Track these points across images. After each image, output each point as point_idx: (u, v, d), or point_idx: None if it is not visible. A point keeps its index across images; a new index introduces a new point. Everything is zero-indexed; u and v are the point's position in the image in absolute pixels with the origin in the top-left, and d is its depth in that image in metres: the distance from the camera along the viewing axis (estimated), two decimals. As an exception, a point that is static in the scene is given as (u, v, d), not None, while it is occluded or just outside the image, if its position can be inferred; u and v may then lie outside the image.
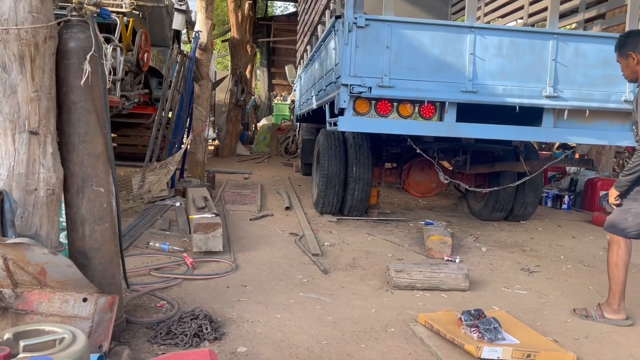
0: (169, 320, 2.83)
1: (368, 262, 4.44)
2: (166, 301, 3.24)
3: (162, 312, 3.09)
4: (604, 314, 3.33)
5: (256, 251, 4.59)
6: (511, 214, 6.26)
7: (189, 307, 3.08)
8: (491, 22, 7.37)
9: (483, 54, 4.38)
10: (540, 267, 4.52)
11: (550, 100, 4.45)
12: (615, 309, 3.30)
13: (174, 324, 2.77)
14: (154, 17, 8.28)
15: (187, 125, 7.54)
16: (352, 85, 4.28)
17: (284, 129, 14.40)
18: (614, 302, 3.30)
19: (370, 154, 5.77)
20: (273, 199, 7.22)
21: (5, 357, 1.67)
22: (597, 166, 8.30)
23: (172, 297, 3.29)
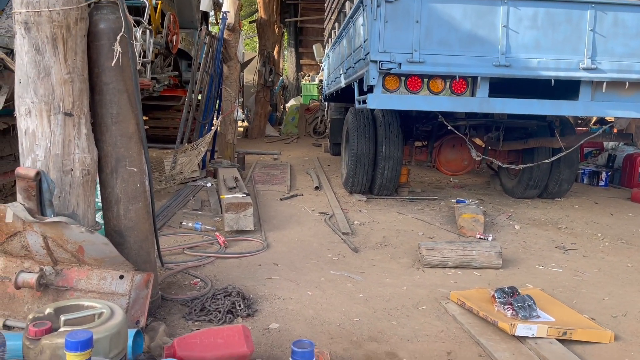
0: (203, 297, 2.89)
1: (398, 240, 4.42)
2: (200, 279, 3.30)
3: (195, 289, 3.15)
4: None
5: (286, 230, 4.62)
6: (545, 191, 6.11)
7: (221, 284, 3.13)
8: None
9: (517, 26, 4.24)
10: (576, 245, 4.42)
11: (587, 73, 4.29)
12: None
13: (208, 300, 2.82)
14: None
15: (216, 106, 7.59)
16: (381, 62, 4.22)
17: (312, 109, 14.37)
18: None
19: (400, 132, 5.70)
20: (302, 179, 7.24)
21: (47, 331, 1.73)
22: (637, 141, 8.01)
23: (205, 275, 3.35)
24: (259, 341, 2.50)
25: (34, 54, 2.22)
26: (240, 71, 8.93)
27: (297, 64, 23.55)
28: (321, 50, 10.74)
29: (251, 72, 14.62)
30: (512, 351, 2.48)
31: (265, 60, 12.85)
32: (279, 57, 19.17)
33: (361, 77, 4.69)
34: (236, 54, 7.61)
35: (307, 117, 14.29)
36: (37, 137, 2.28)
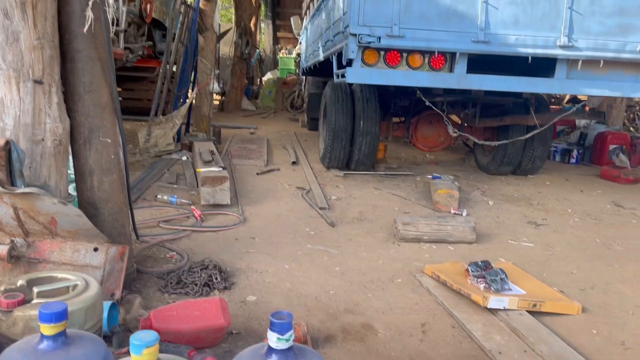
0: (179, 270, 2.87)
1: (375, 215, 4.46)
2: (176, 252, 3.28)
3: (172, 262, 3.13)
4: None
5: (263, 204, 4.61)
6: (519, 168, 6.22)
7: (198, 258, 3.12)
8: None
9: (496, 2, 4.24)
10: (547, 221, 4.53)
11: (564, 50, 4.32)
12: None
13: (184, 273, 2.81)
14: (156, -34, 8.03)
15: (191, 78, 7.45)
16: (360, 35, 4.18)
17: (289, 83, 14.23)
18: None
19: (378, 108, 5.69)
20: (279, 153, 7.20)
21: (19, 303, 1.70)
22: (608, 119, 8.18)
23: (181, 249, 3.33)
24: (236, 313, 2.51)
25: (2, 19, 2.13)
26: (216, 42, 8.76)
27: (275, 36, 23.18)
28: (299, 23, 10.59)
29: (227, 44, 14.34)
30: (484, 323, 2.54)
31: (241, 32, 12.61)
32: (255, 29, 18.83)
33: (340, 50, 4.64)
34: (212, 24, 7.46)
35: (284, 91, 14.15)
36: (6, 105, 2.20)
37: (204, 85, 7.39)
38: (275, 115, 12.65)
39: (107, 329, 2.04)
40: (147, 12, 6.80)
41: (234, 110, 12.78)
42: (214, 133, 7.65)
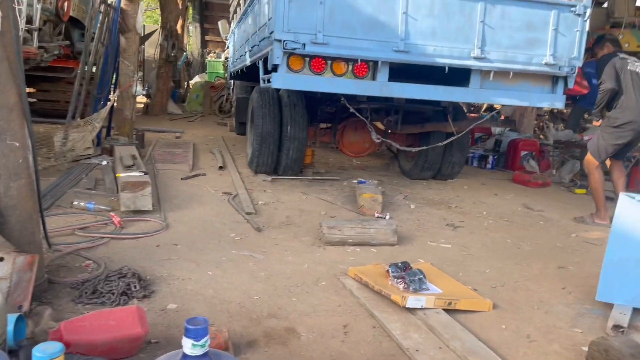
0: (95, 279, 2.76)
1: (302, 219, 4.50)
2: (92, 260, 3.14)
3: (87, 271, 3.00)
4: (595, 220, 4.92)
5: (188, 210, 4.52)
6: (439, 173, 6.49)
7: (116, 266, 3.00)
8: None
9: (415, 13, 4.42)
10: (464, 223, 4.76)
11: (477, 62, 4.58)
12: (602, 217, 4.91)
13: (101, 283, 2.70)
14: (74, -38, 7.68)
15: (113, 80, 7.17)
16: (285, 41, 4.21)
17: (217, 87, 14.04)
18: (600, 212, 4.94)
19: (305, 113, 5.75)
20: (206, 158, 7.08)
21: None
22: (519, 127, 8.73)
23: (98, 257, 3.20)
24: (155, 322, 2.44)
25: None
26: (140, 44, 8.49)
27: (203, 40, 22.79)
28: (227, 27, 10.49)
29: (153, 46, 13.94)
30: (403, 322, 2.63)
31: (167, 34, 12.31)
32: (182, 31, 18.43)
33: (266, 55, 4.65)
34: (135, 25, 7.22)
35: (212, 95, 13.94)
36: None
37: (126, 88, 7.14)
38: (203, 119, 12.43)
39: (13, 343, 1.93)
40: (64, 10, 6.48)
41: (159, 114, 12.42)
42: (137, 137, 7.40)
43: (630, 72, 4.69)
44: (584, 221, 4.97)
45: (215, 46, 22.06)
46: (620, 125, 4.69)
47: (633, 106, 4.64)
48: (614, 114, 4.73)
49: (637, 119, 4.65)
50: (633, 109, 4.64)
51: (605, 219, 4.86)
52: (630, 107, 4.65)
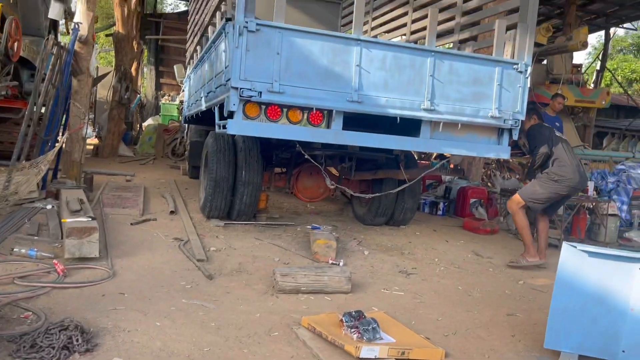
0: (35, 332, 2.61)
1: (254, 266, 4.43)
2: (32, 312, 2.98)
3: (26, 323, 2.84)
4: (527, 259, 5.13)
5: (136, 257, 4.38)
6: (392, 219, 6.59)
7: (58, 317, 2.86)
8: (377, 36, 7.73)
9: (368, 66, 4.58)
10: (417, 270, 4.82)
11: (427, 113, 4.76)
12: (532, 254, 5.17)
13: (40, 336, 2.56)
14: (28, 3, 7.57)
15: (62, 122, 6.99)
16: (242, 89, 4.26)
17: (171, 130, 13.90)
18: (528, 251, 5.20)
19: (260, 158, 5.77)
20: (157, 202, 6.93)
21: None
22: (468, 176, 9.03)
23: (38, 308, 3.04)
24: (98, 378, 2.32)
25: None
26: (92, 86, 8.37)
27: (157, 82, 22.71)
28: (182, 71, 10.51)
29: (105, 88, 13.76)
30: (357, 372, 2.60)
31: (121, 76, 12.20)
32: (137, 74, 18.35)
33: (222, 102, 4.68)
34: (88, 67, 7.14)
35: (165, 138, 13.77)
36: None
37: (76, 130, 6.97)
38: (155, 163, 12.22)
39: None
40: (13, 51, 6.33)
41: (109, 156, 12.13)
42: (85, 180, 7.18)
43: (560, 139, 5.29)
44: (519, 263, 5.19)
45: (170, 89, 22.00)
46: (558, 180, 5.09)
47: (569, 164, 5.12)
48: (553, 170, 5.13)
49: (574, 177, 5.11)
50: (569, 166, 5.12)
51: (536, 255, 5.18)
52: (567, 165, 5.12)
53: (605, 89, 13.97)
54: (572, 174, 5.10)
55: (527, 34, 4.90)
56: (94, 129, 13.88)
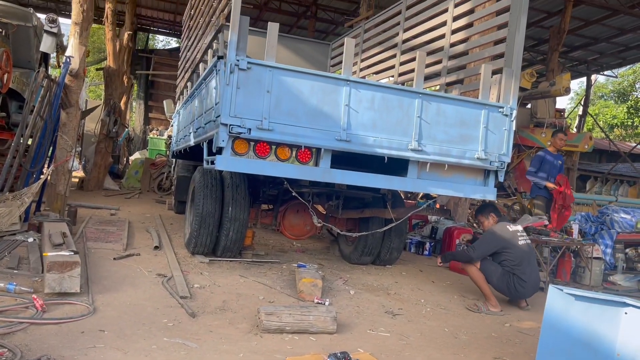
0: (9, 371, 2.52)
1: (239, 304, 4.36)
2: (7, 349, 2.87)
3: (0, 362, 2.74)
4: (489, 308, 5.10)
5: (118, 293, 4.28)
6: (378, 258, 6.57)
7: (34, 354, 2.77)
8: (366, 77, 7.89)
9: (357, 106, 4.65)
10: (403, 310, 4.77)
11: (414, 153, 4.81)
12: (493, 305, 5.12)
13: (14, 375, 2.46)
14: (20, 36, 7.64)
15: (49, 154, 6.95)
16: (231, 125, 4.29)
17: (158, 164, 13.86)
18: (490, 300, 5.16)
19: (247, 195, 5.75)
20: (141, 237, 6.84)
21: None
22: (454, 216, 9.07)
23: (15, 344, 2.94)
24: (73, 421, 2.23)
25: None
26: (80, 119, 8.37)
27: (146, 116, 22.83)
28: (172, 107, 10.58)
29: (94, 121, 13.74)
30: (342, 417, 2.53)
31: (110, 110, 12.22)
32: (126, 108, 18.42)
33: (211, 138, 4.69)
34: (78, 101, 7.15)
35: (152, 172, 13.72)
36: None
37: (62, 162, 6.93)
38: (141, 197, 12.12)
39: None
40: (3, 82, 6.35)
41: (94, 190, 12.03)
42: (69, 213, 7.09)
43: (526, 244, 5.27)
44: (479, 309, 5.09)
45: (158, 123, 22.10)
46: (518, 283, 5.10)
47: (528, 279, 5.11)
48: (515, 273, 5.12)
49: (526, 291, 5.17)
50: (528, 282, 5.11)
51: (497, 306, 5.12)
52: (527, 281, 5.10)
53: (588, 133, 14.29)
54: (528, 288, 5.11)
55: (512, 78, 5.04)
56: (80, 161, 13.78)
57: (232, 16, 4.24)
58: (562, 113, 14.81)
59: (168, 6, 19.88)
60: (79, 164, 13.12)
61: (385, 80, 7.47)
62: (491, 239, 5.24)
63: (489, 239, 5.27)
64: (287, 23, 19.69)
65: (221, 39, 5.15)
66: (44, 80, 6.32)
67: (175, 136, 9.88)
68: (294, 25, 19.93)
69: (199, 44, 6.61)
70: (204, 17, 6.36)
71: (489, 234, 5.31)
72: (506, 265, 5.13)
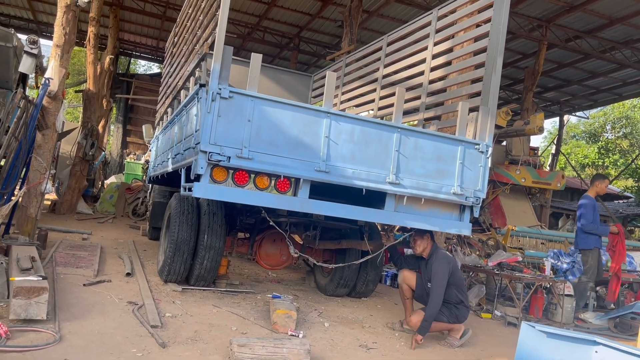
0: (-34, 401, 2.41)
1: (211, 335, 4.27)
2: (-35, 378, 2.76)
3: (-42, 391, 2.62)
4: (402, 326, 5.28)
5: (87, 320, 4.17)
6: (354, 290, 6.54)
7: (-6, 385, 2.66)
8: (346, 110, 8.00)
9: (337, 138, 4.70)
10: (377, 344, 4.73)
11: (392, 186, 4.86)
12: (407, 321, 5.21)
13: (-28, 406, 2.36)
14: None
15: (22, 175, 6.81)
16: (210, 153, 4.28)
17: (134, 189, 13.69)
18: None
19: (224, 222, 5.71)
20: (114, 263, 6.70)
21: None
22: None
23: (-26, 374, 2.82)
24: None
25: None
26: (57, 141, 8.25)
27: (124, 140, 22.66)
28: (151, 132, 10.53)
29: (70, 143, 13.57)
30: None
31: (87, 132, 12.09)
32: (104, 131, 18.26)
33: (189, 164, 4.68)
34: (55, 123, 7.07)
35: (127, 197, 13.52)
36: None
37: (35, 185, 6.79)
38: (115, 221, 11.91)
39: None
40: (-22, 101, 6.25)
41: (67, 213, 11.77)
42: (39, 237, 6.91)
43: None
44: (394, 326, 5.34)
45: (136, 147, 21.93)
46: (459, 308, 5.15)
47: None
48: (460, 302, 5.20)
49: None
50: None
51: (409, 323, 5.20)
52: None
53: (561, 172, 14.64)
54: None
55: (489, 116, 5.17)
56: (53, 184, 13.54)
57: (216, 45, 4.29)
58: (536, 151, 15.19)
59: (151, 32, 20.01)
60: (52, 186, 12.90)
61: (365, 114, 7.58)
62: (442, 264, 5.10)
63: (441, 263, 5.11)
64: (270, 54, 19.96)
65: (204, 67, 5.19)
66: (21, 100, 6.25)
67: (153, 161, 9.80)
68: (277, 56, 20.21)
69: (182, 70, 6.63)
70: (188, 45, 6.41)
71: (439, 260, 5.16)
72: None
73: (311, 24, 16.79)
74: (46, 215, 10.70)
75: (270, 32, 18.07)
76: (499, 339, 5.70)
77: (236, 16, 16.75)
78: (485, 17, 5.36)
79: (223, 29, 4.31)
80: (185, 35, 6.90)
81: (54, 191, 12.92)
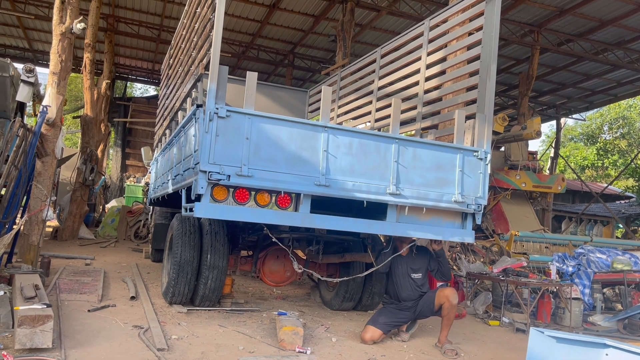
0: None
1: (218, 356, 4.24)
2: (-28, 411, 2.73)
3: None
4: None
5: (92, 347, 4.14)
6: (360, 304, 6.50)
7: (2, 416, 2.63)
8: (343, 123, 8.03)
9: (335, 151, 4.71)
10: (386, 357, 4.69)
11: (393, 197, 4.86)
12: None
13: None
14: (-4, 85, 7.63)
15: (22, 203, 6.81)
16: (210, 172, 4.29)
17: (135, 212, 13.67)
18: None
19: (226, 241, 5.69)
20: (117, 287, 6.67)
21: None
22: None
23: (-20, 406, 2.79)
24: None
25: None
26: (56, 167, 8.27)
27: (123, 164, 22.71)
28: (150, 154, 10.55)
29: (69, 169, 13.59)
30: None
31: (87, 158, 12.12)
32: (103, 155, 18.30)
33: (190, 185, 4.68)
34: (54, 150, 7.09)
35: (128, 220, 13.50)
36: None
37: (36, 212, 6.79)
38: (117, 245, 11.88)
39: None
40: (-23, 132, 6.28)
41: (69, 239, 11.75)
42: (42, 264, 6.89)
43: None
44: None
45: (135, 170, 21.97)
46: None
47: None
48: None
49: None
50: None
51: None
52: None
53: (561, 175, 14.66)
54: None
55: (485, 123, 5.18)
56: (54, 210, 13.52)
57: (211, 66, 4.32)
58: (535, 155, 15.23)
59: (146, 55, 20.15)
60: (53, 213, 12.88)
61: (362, 126, 7.60)
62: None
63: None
64: (265, 71, 20.09)
65: (200, 88, 5.22)
66: (19, 129, 6.27)
67: (153, 183, 9.80)
68: (272, 73, 20.33)
69: (178, 92, 6.67)
70: (183, 66, 6.45)
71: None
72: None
73: (305, 40, 16.92)
74: (48, 242, 10.68)
75: (264, 50, 18.20)
76: (508, 346, 5.65)
77: (230, 35, 16.89)
78: (476, 25, 5.40)
79: (218, 49, 4.34)
80: (180, 56, 6.95)
81: (55, 218, 12.90)
